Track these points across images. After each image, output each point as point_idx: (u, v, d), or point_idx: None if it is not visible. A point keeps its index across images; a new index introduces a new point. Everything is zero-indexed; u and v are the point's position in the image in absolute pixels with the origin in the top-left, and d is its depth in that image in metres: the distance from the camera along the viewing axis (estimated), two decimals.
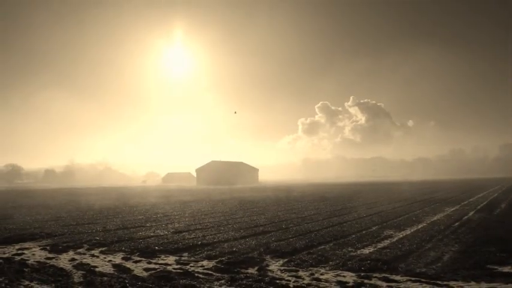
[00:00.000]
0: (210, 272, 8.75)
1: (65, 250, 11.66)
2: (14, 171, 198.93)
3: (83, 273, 8.71)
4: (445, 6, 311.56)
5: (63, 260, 10.25)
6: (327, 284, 7.56)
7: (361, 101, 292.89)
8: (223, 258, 9.91)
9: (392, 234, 13.29)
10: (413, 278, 7.83)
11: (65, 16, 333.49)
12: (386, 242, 11.75)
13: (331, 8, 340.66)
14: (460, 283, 7.47)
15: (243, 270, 8.78)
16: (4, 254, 11.24)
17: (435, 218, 17.41)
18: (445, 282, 7.50)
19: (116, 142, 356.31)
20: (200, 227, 16.15)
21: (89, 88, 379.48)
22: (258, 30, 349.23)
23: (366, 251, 10.60)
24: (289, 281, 7.84)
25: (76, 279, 8.20)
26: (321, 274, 8.34)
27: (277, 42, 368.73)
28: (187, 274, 8.52)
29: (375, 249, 10.78)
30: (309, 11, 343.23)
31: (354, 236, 12.99)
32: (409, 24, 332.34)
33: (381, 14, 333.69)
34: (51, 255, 10.90)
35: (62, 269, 9.22)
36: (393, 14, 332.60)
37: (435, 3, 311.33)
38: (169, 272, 8.72)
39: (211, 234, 13.83)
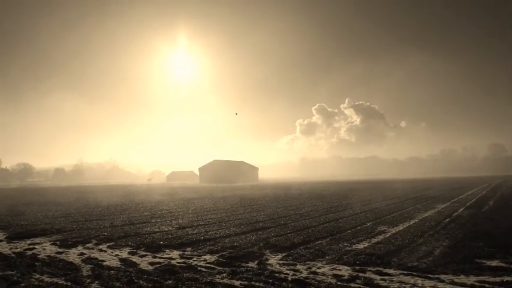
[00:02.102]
0: (212, 265, 8.75)
1: (74, 245, 11.66)
2: (26, 170, 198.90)
3: (91, 267, 8.71)
4: (434, 14, 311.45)
5: (73, 255, 10.25)
6: (324, 277, 7.55)
7: (356, 103, 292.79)
8: (224, 253, 9.91)
9: (385, 229, 13.28)
10: (405, 272, 7.82)
11: (75, 22, 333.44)
12: (380, 238, 11.74)
13: (328, 15, 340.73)
14: (450, 276, 7.46)
15: (243, 264, 8.77)
16: (16, 248, 11.23)
17: (426, 215, 17.40)
18: (436, 276, 7.49)
19: (123, 142, 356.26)
20: (203, 223, 16.14)
21: (97, 90, 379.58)
22: (258, 36, 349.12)
23: (361, 245, 10.59)
24: (288, 274, 7.83)
25: (85, 273, 8.20)
26: (318, 268, 8.33)
27: (276, 47, 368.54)
28: (191, 268, 8.52)
29: (369, 244, 10.77)
30: (307, 18, 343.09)
31: (349, 231, 12.98)
32: (402, 31, 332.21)
33: (375, 22, 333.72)
34: (61, 250, 10.90)
35: (71, 263, 9.21)
36: (387, 22, 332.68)
37: (425, 12, 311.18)
38: (174, 265, 8.72)
39: (213, 230, 13.82)
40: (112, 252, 10.47)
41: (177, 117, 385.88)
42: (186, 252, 10.27)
